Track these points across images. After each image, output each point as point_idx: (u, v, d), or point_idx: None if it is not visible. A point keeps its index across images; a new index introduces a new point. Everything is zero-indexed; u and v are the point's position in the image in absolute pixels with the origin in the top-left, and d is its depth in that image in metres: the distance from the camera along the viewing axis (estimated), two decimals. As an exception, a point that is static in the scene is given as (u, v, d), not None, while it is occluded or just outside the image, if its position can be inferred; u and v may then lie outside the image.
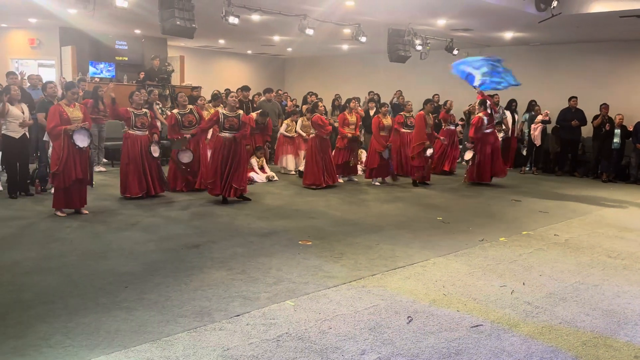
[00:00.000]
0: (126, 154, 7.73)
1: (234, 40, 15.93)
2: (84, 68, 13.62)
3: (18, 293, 4.16)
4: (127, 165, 7.71)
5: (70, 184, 6.62)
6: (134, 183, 7.71)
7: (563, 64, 13.96)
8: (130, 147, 7.70)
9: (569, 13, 9.76)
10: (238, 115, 7.68)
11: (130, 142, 7.71)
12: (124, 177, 7.77)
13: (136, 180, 7.72)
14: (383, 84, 16.09)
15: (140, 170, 7.75)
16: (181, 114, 8.59)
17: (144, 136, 7.81)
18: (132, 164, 7.67)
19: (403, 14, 10.24)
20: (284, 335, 3.57)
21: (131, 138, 7.72)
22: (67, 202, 6.72)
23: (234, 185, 7.62)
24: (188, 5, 8.16)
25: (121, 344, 3.37)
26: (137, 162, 7.69)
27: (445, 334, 3.70)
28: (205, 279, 4.61)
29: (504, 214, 7.84)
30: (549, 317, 4.07)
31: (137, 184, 7.73)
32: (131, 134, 7.73)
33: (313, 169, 9.26)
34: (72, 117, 6.62)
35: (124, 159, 7.77)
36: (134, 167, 7.68)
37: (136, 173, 7.71)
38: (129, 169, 7.71)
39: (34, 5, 10.60)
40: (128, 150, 7.71)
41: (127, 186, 7.73)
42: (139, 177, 7.75)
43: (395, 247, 5.79)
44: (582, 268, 5.33)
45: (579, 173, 12.28)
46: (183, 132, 8.52)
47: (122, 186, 7.81)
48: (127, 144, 7.74)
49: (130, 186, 7.71)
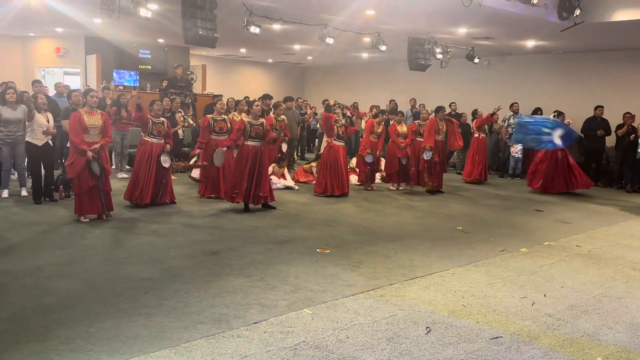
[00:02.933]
0: (139, 159, 7.80)
1: (255, 49, 16.09)
2: (109, 76, 13.89)
3: (41, 297, 4.23)
4: (137, 172, 7.75)
5: (87, 190, 6.69)
6: (140, 191, 7.67)
7: (586, 72, 13.79)
8: (142, 153, 7.74)
9: (592, 21, 9.65)
10: (262, 123, 7.75)
11: (144, 149, 7.76)
12: (132, 183, 7.76)
13: (142, 188, 7.67)
14: (403, 92, 16.06)
15: (152, 176, 7.74)
16: (214, 120, 8.73)
17: (159, 144, 7.87)
18: (142, 171, 7.66)
19: (423, 22, 10.24)
20: (302, 344, 3.57)
21: (146, 145, 7.79)
22: (87, 207, 6.79)
23: (260, 193, 7.67)
24: (210, 15, 8.27)
25: (141, 349, 3.40)
26: (148, 168, 7.71)
27: (464, 345, 3.66)
28: (224, 285, 4.63)
29: (525, 224, 7.74)
30: (571, 329, 4.00)
31: (144, 190, 7.68)
32: (147, 141, 7.81)
33: (325, 177, 9.25)
34: (89, 124, 6.68)
35: (136, 164, 7.84)
36: (143, 175, 7.68)
37: (145, 179, 7.69)
38: (139, 175, 7.72)
39: (61, 15, 10.86)
40: (141, 156, 7.78)
41: (133, 191, 7.70)
42: (147, 184, 7.69)
43: (414, 257, 5.75)
44: (605, 280, 5.23)
45: (602, 183, 12.07)
46: (212, 137, 8.63)
47: (127, 191, 7.77)
48: (140, 151, 7.83)
49: (135, 194, 7.68)
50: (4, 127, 7.79)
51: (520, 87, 14.73)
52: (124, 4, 7.85)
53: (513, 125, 12.63)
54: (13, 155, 8.01)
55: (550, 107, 12.70)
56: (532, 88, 14.51)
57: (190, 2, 8.12)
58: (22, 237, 6.03)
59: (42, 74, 15.03)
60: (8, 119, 7.79)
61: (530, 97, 13.86)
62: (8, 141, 7.86)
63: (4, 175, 8.12)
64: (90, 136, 6.72)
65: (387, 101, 14.56)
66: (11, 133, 7.86)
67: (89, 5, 9.56)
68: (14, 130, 7.87)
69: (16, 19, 11.66)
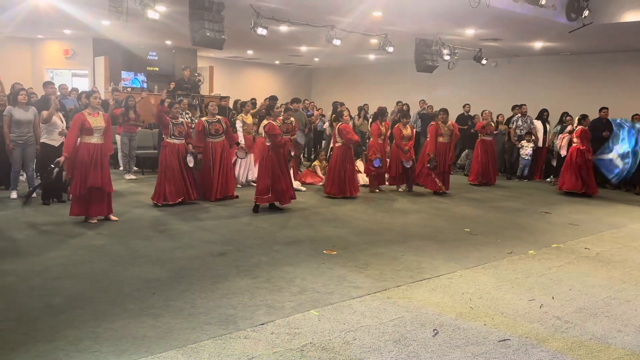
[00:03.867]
0: (163, 161, 7.90)
1: (262, 50, 16.12)
2: (116, 78, 13.95)
3: (48, 298, 4.25)
4: (164, 172, 7.87)
5: (85, 192, 6.66)
6: (171, 190, 7.86)
7: (594, 74, 13.72)
8: (168, 154, 7.88)
9: (601, 23, 9.60)
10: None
11: (168, 150, 7.89)
12: (159, 185, 7.92)
13: (173, 187, 7.88)
14: (410, 93, 16.04)
15: (179, 177, 7.92)
16: (209, 122, 8.72)
17: (181, 144, 8.01)
18: (169, 171, 7.84)
19: (431, 24, 10.22)
20: (308, 345, 3.56)
21: (169, 146, 7.91)
22: (85, 209, 6.76)
23: (289, 192, 7.85)
24: (218, 17, 8.29)
25: (148, 350, 3.41)
26: (174, 169, 7.86)
27: (471, 347, 3.65)
28: (231, 286, 4.64)
29: (533, 226, 7.70)
30: (579, 332, 3.98)
31: (175, 191, 7.90)
32: (169, 142, 7.93)
33: (334, 178, 9.25)
34: (94, 126, 6.70)
35: (161, 167, 7.94)
36: (170, 175, 7.85)
37: (172, 180, 7.87)
38: (165, 177, 7.86)
39: (69, 17, 10.93)
40: (165, 157, 7.88)
41: (163, 193, 7.88)
42: (176, 184, 7.91)
43: (421, 259, 5.74)
44: (613, 283, 5.20)
45: (610, 185, 11.98)
46: (209, 140, 8.64)
47: (155, 194, 7.95)
48: (164, 152, 7.92)
49: (167, 193, 7.86)
50: (15, 128, 7.86)
51: (527, 88, 14.67)
52: (132, 6, 7.88)
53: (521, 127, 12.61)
54: (23, 157, 8.06)
55: (558, 109, 12.65)
56: (539, 89, 14.45)
57: (197, 4, 8.15)
58: (30, 237, 6.06)
59: (50, 76, 15.13)
60: (20, 120, 7.86)
61: (538, 99, 13.81)
62: (19, 142, 7.92)
63: (13, 176, 8.18)
64: (93, 138, 6.72)
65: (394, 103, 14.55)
66: (22, 134, 7.92)
67: (97, 7, 9.61)
68: (25, 132, 7.94)
69: (25, 21, 11.75)
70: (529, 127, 12.61)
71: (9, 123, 7.81)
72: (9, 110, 7.87)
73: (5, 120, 7.81)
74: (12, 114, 7.82)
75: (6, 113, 7.85)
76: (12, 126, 7.84)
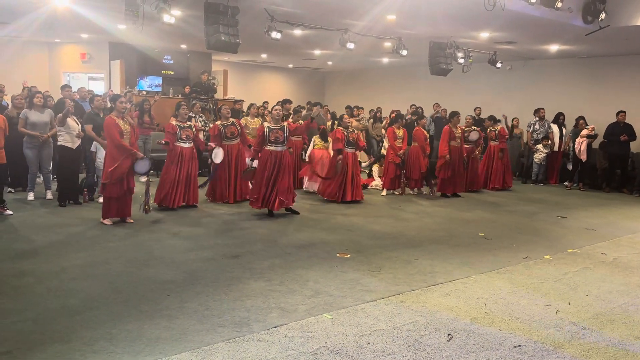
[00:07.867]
0: (168, 164, 7.94)
1: (275, 54, 16.16)
2: (132, 81, 14.07)
3: (65, 299, 4.30)
4: (166, 175, 7.92)
5: (121, 195, 6.84)
6: (172, 193, 7.88)
7: (611, 77, 13.55)
8: (174, 158, 7.91)
9: (617, 25, 9.49)
10: (283, 127, 7.76)
11: (174, 153, 7.93)
12: (161, 187, 7.95)
13: (175, 190, 7.90)
14: (424, 96, 15.98)
15: (184, 180, 7.96)
16: (224, 126, 8.77)
17: (188, 148, 8.04)
18: (174, 174, 7.87)
19: (445, 27, 10.18)
20: (322, 349, 3.56)
21: (176, 149, 7.95)
22: (115, 211, 6.94)
23: (280, 197, 7.67)
24: (232, 21, 8.33)
25: (162, 351, 3.43)
26: (180, 172, 7.90)
27: (486, 353, 3.61)
28: (244, 289, 4.65)
29: (549, 230, 7.62)
30: (596, 338, 3.92)
31: (178, 194, 7.93)
32: (177, 146, 7.98)
33: (333, 181, 9.19)
34: (124, 129, 6.82)
35: (165, 169, 7.99)
36: (174, 178, 7.88)
37: (176, 183, 7.89)
38: (167, 179, 7.91)
39: (86, 22, 11.05)
40: (171, 160, 7.92)
41: (162, 195, 7.89)
42: (179, 188, 7.93)
43: (435, 263, 5.71)
44: (631, 288, 5.12)
45: (627, 189, 11.83)
46: (225, 143, 8.68)
47: (157, 196, 7.95)
48: (170, 155, 7.96)
49: (169, 196, 7.88)
50: (31, 130, 7.97)
51: (542, 91, 14.54)
52: (148, 10, 7.95)
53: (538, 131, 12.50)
54: (39, 159, 8.17)
55: (574, 113, 12.53)
56: (555, 93, 14.31)
57: (212, 8, 8.20)
58: (47, 239, 6.13)
59: (67, 79, 15.30)
60: (35, 122, 7.97)
61: (553, 102, 13.68)
62: (35, 144, 8.03)
63: (30, 178, 8.29)
64: (124, 141, 6.81)
65: (408, 106, 14.51)
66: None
67: (113, 12, 9.70)
68: (41, 134, 8.04)
69: (43, 26, 11.89)
70: (546, 131, 12.50)
71: (23, 125, 7.93)
72: (24, 112, 7.99)
73: (20, 122, 7.95)
74: (27, 117, 7.94)
75: (22, 115, 7.98)
76: (28, 129, 7.95)
